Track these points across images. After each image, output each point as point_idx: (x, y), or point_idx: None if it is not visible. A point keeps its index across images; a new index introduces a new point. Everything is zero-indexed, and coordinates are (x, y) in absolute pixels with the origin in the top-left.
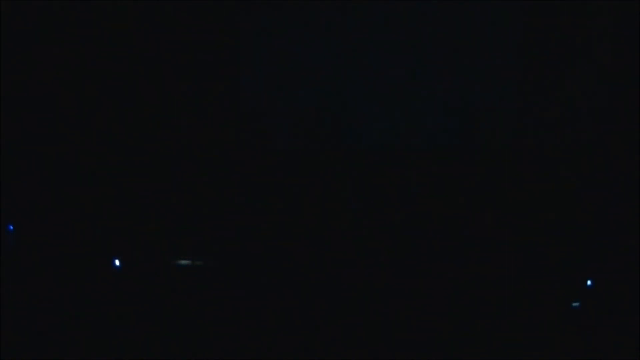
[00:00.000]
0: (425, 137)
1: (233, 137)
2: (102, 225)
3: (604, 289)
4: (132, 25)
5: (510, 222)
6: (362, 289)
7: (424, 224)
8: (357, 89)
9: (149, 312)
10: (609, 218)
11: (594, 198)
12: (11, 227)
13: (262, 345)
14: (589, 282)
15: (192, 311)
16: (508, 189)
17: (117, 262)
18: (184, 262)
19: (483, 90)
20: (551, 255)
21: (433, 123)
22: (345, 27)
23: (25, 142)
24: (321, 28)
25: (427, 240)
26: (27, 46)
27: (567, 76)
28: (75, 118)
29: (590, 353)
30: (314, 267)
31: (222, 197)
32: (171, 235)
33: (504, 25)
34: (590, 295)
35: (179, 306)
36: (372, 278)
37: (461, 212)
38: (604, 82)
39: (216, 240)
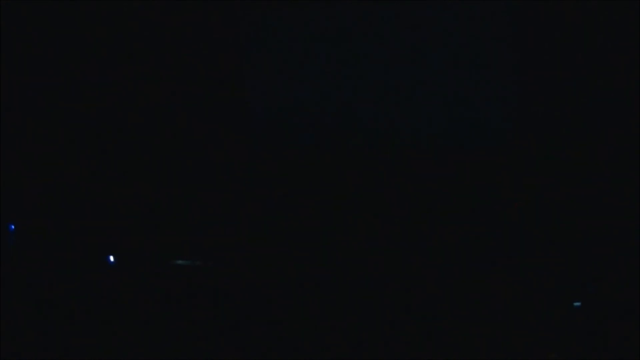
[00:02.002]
0: (425, 137)
1: (232, 136)
2: (103, 225)
3: (605, 289)
4: (133, 26)
5: (510, 222)
6: (363, 288)
7: (424, 224)
8: (357, 89)
9: (149, 313)
10: (609, 218)
11: (594, 198)
12: (12, 227)
13: (262, 345)
14: (588, 288)
15: (191, 312)
16: (508, 189)
17: (111, 259)
18: (182, 262)
19: (484, 90)
20: (552, 256)
21: (433, 123)
22: (346, 27)
23: (25, 142)
24: (322, 28)
25: (426, 240)
26: (27, 45)
27: (568, 76)
28: (75, 118)
29: (590, 353)
30: (315, 267)
31: (222, 196)
32: (171, 235)
33: (505, 26)
34: (591, 295)
35: (179, 307)
36: (372, 278)
37: (461, 212)
38: (605, 82)
39: (216, 240)
